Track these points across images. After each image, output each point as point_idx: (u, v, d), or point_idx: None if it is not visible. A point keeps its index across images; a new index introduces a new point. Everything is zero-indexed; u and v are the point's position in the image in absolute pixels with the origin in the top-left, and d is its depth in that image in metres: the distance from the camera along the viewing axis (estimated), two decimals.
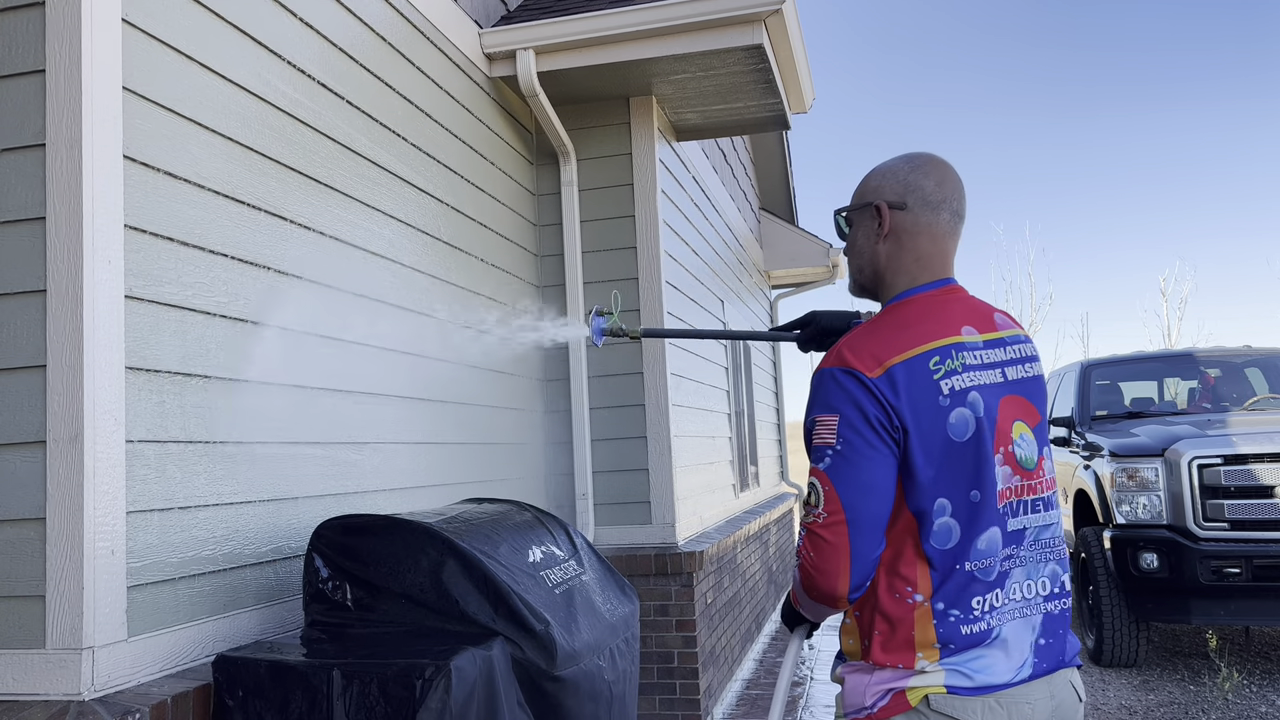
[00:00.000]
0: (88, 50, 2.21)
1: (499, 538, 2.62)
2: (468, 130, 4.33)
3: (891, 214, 1.74)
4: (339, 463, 3.13)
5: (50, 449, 2.15)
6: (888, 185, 1.76)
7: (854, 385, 1.60)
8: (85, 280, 2.16)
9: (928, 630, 1.60)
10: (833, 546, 1.57)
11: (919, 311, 1.69)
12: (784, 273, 10.67)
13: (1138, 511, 6.05)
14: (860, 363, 1.61)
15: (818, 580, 1.59)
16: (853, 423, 1.58)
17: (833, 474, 1.58)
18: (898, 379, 1.59)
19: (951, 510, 1.60)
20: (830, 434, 1.59)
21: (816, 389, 1.64)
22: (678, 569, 4.69)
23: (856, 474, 1.57)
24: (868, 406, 1.58)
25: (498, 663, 2.27)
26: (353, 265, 3.29)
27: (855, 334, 1.68)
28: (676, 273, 5.47)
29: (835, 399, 1.60)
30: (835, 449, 1.58)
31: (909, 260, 1.74)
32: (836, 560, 1.57)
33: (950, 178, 1.75)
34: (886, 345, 1.63)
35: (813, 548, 1.59)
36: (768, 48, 4.55)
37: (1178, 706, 5.38)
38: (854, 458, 1.58)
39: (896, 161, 1.79)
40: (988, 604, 1.61)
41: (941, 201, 1.73)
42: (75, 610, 2.11)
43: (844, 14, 49.05)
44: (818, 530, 1.58)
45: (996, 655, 1.60)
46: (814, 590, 1.61)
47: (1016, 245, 35.15)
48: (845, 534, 1.56)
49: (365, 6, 3.51)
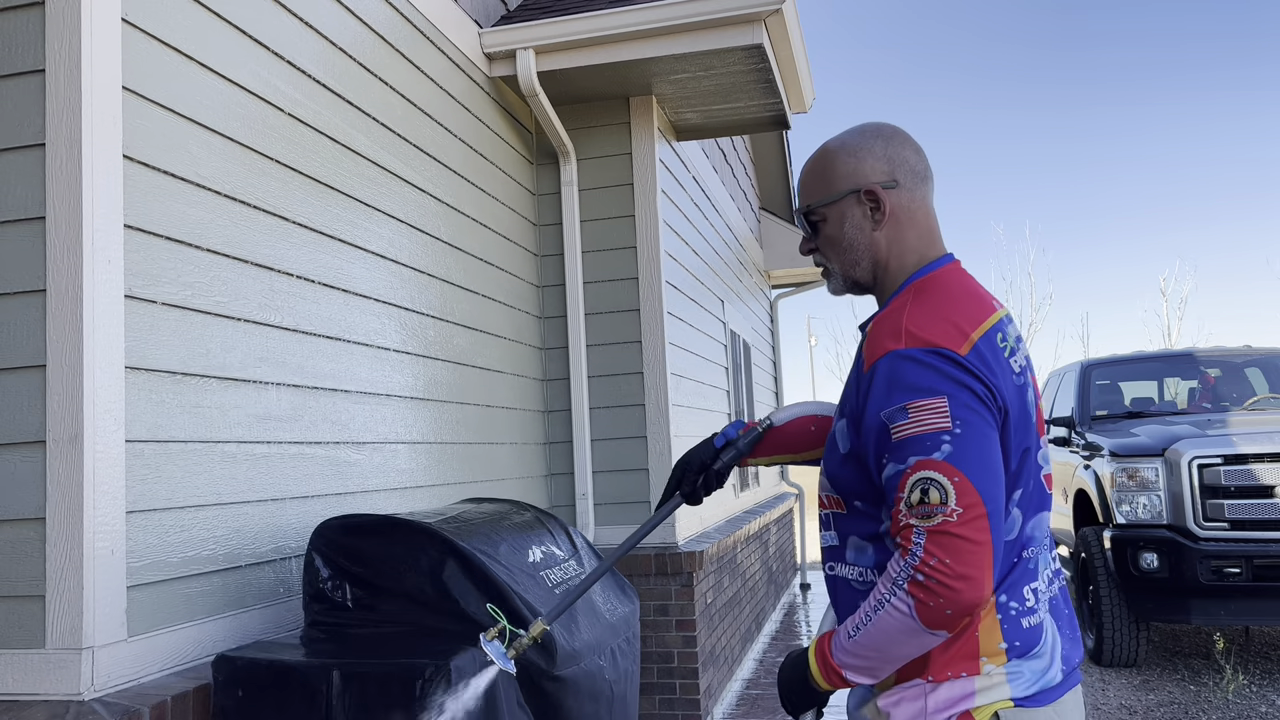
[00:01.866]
0: (87, 50, 2.21)
1: (499, 538, 2.62)
2: (468, 130, 4.33)
3: (886, 194, 1.56)
4: (339, 463, 3.13)
5: (50, 449, 2.15)
6: (868, 165, 1.57)
7: (948, 365, 1.39)
8: (85, 280, 2.16)
9: (993, 630, 1.43)
10: (977, 545, 1.33)
11: (955, 286, 1.52)
12: (784, 273, 10.67)
13: (1138, 511, 6.05)
14: (944, 338, 1.41)
15: (962, 592, 1.32)
16: (965, 401, 1.37)
17: (959, 461, 1.35)
18: (985, 354, 1.41)
19: (1019, 500, 1.46)
20: (940, 417, 1.36)
21: (893, 377, 1.40)
22: (678, 569, 4.69)
23: (986, 457, 1.36)
24: (973, 384, 1.38)
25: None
26: (352, 265, 3.29)
27: (911, 312, 1.46)
28: (676, 273, 5.47)
29: (930, 380, 1.38)
30: (953, 432, 1.36)
31: (912, 239, 1.57)
32: (982, 559, 1.33)
33: (915, 143, 1.61)
34: (959, 317, 1.44)
35: (948, 554, 1.33)
36: (768, 47, 4.55)
37: (1178, 706, 5.38)
38: (978, 439, 1.36)
39: (862, 139, 1.60)
40: (1037, 595, 1.47)
41: (926, 170, 1.59)
42: (75, 610, 2.11)
43: (844, 14, 49.07)
44: (954, 530, 1.33)
45: (1048, 656, 1.46)
46: (952, 604, 1.33)
47: (1016, 245, 35.27)
48: (987, 527, 1.34)
49: (365, 6, 3.51)
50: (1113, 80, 45.47)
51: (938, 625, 1.35)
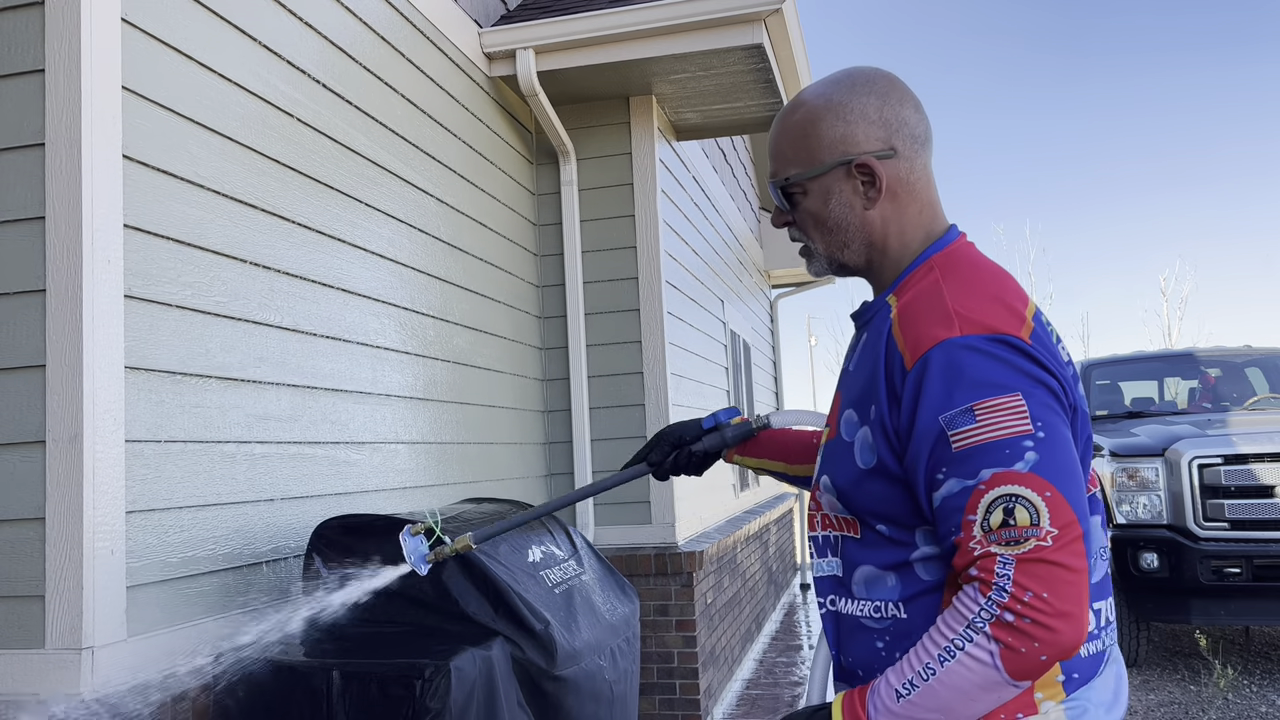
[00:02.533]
0: (87, 50, 2.21)
1: (499, 537, 2.61)
2: (467, 130, 4.33)
3: (882, 166, 1.29)
4: (339, 463, 3.13)
5: (50, 449, 2.14)
6: (860, 131, 1.29)
7: (1016, 355, 1.15)
8: (85, 280, 2.16)
9: None
10: (1077, 574, 1.09)
11: (983, 261, 1.29)
12: (784, 272, 10.68)
13: (1138, 511, 6.05)
14: (1003, 322, 1.17)
15: (1062, 633, 1.07)
16: (1043, 399, 1.14)
17: (1048, 471, 1.11)
18: (1045, 340, 1.20)
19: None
20: (1019, 419, 1.12)
21: (953, 371, 1.15)
22: (678, 569, 4.69)
23: (1074, 465, 1.14)
24: (1046, 378, 1.16)
25: (498, 662, 2.27)
26: (352, 264, 3.29)
27: (952, 291, 1.21)
28: (676, 272, 5.47)
29: (1000, 374, 1.14)
30: (1037, 437, 1.12)
31: (914, 214, 1.31)
32: (1081, 591, 1.09)
33: (913, 95, 1.33)
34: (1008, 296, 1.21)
35: (1046, 586, 1.08)
36: (768, 47, 4.55)
37: (1178, 706, 5.38)
38: (1063, 444, 1.14)
39: (852, 94, 1.30)
40: (1104, 617, 1.27)
41: (927, 132, 1.32)
42: (75, 610, 2.11)
43: (844, 13, 49.10)
44: (1051, 557, 1.08)
45: (1109, 686, 1.25)
46: (1050, 648, 1.08)
47: (1017, 245, 35.19)
48: (1084, 551, 1.10)
49: (365, 6, 3.51)
50: (1113, 80, 45.49)
51: (1026, 675, 1.10)
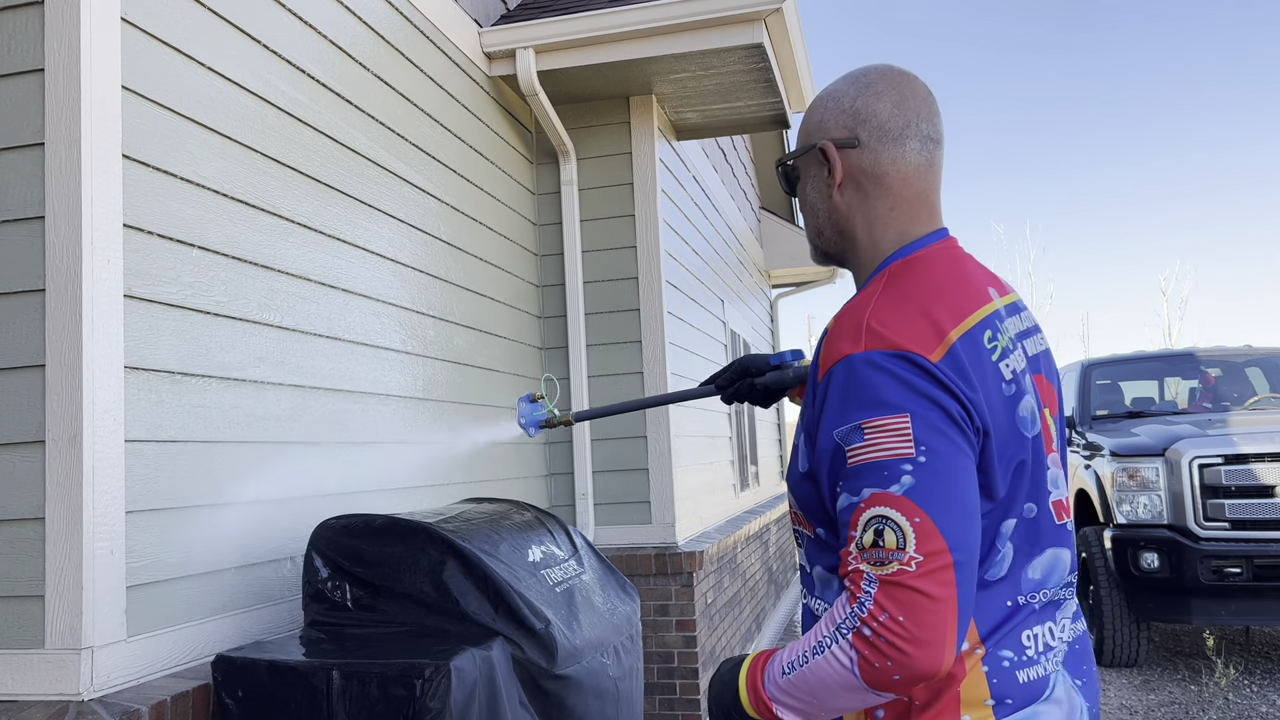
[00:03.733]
0: (87, 49, 2.21)
1: (499, 537, 2.61)
2: (467, 129, 4.33)
3: (842, 155, 1.33)
4: (339, 463, 3.12)
5: (49, 449, 2.14)
6: (832, 118, 1.35)
7: (914, 373, 1.15)
8: (84, 279, 2.16)
9: (979, 683, 1.20)
10: (938, 604, 1.09)
11: (939, 270, 1.28)
12: (784, 272, 10.68)
13: (1138, 511, 6.05)
14: (911, 340, 1.17)
15: (914, 656, 1.09)
16: (933, 422, 1.13)
17: (921, 498, 1.11)
18: (964, 361, 1.17)
19: (1011, 533, 1.23)
20: (902, 441, 1.13)
21: (849, 386, 1.17)
22: (678, 569, 4.69)
23: (957, 493, 1.13)
24: (944, 400, 1.14)
25: (498, 662, 2.27)
26: (352, 264, 3.29)
27: (878, 304, 1.22)
28: (676, 272, 5.46)
29: (893, 393, 1.14)
30: (916, 460, 1.12)
31: (884, 209, 1.33)
32: (943, 620, 1.09)
33: (912, 93, 1.34)
34: (939, 311, 1.20)
35: (900, 608, 1.09)
36: (768, 47, 4.55)
37: (1178, 706, 5.38)
38: (947, 470, 1.12)
39: (842, 83, 1.37)
40: (1041, 641, 1.25)
41: (904, 127, 1.32)
42: (75, 610, 2.11)
43: (844, 13, 49.08)
44: (911, 583, 1.09)
45: (1054, 712, 1.24)
46: (902, 669, 1.10)
47: (1017, 245, 35.19)
48: (954, 581, 1.10)
49: (365, 5, 3.51)
50: (1113, 79, 45.46)
51: (883, 688, 1.13)
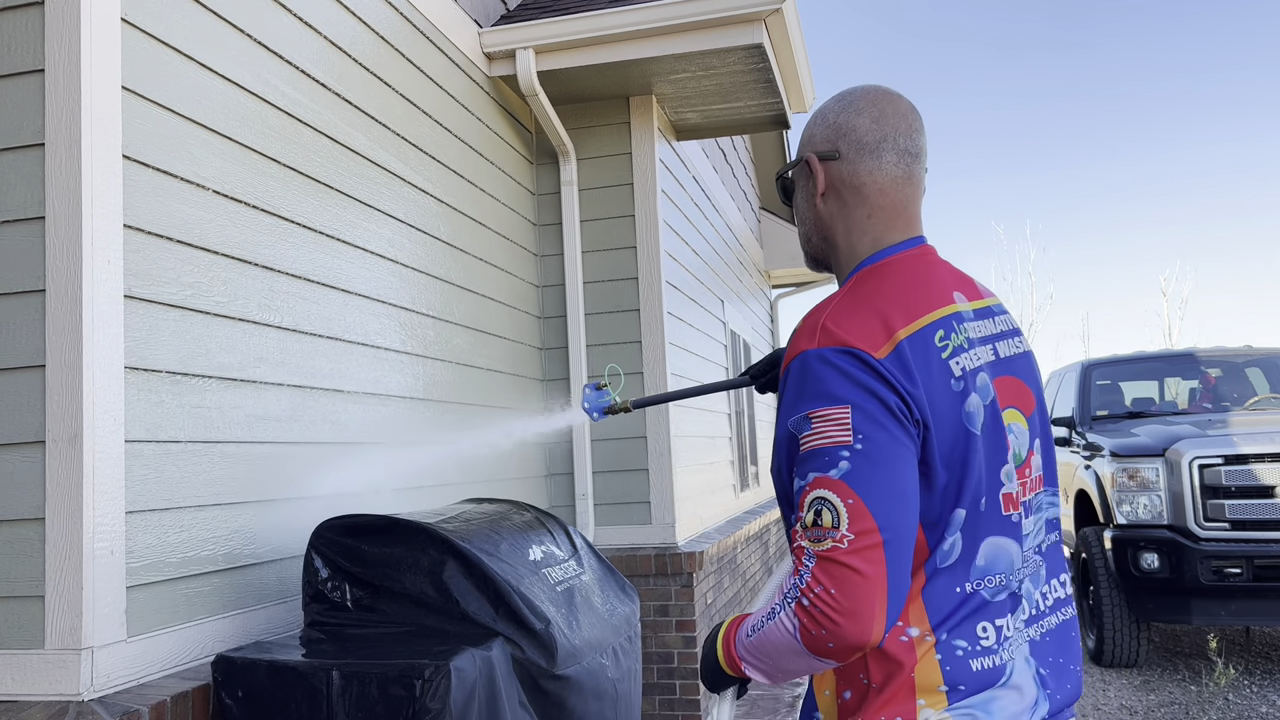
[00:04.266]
0: (87, 50, 2.21)
1: (499, 537, 2.61)
2: (467, 130, 4.33)
3: (824, 167, 1.46)
4: (339, 463, 3.12)
5: (49, 449, 2.14)
6: (818, 133, 1.48)
7: (858, 368, 1.26)
8: (84, 280, 2.16)
9: (931, 670, 1.28)
10: (865, 579, 1.20)
11: (903, 274, 1.39)
12: (784, 272, 10.68)
13: (1138, 511, 6.05)
14: (859, 339, 1.28)
15: (843, 626, 1.20)
16: (871, 413, 1.24)
17: (855, 481, 1.22)
18: (909, 359, 1.28)
19: (961, 523, 1.31)
20: (842, 430, 1.24)
21: (802, 379, 1.29)
22: (678, 569, 4.69)
23: (889, 478, 1.23)
24: (884, 393, 1.25)
25: (498, 662, 2.27)
26: (352, 265, 3.29)
27: (837, 306, 1.34)
28: (676, 272, 5.47)
29: (837, 386, 1.26)
30: (854, 448, 1.23)
31: (861, 217, 1.45)
32: (870, 594, 1.20)
33: (892, 110, 1.45)
34: (891, 311, 1.31)
35: (833, 582, 1.20)
36: (768, 47, 4.55)
37: (1178, 706, 5.38)
38: (882, 458, 1.23)
39: (829, 101, 1.50)
40: (1000, 633, 1.33)
41: (880, 141, 1.43)
42: (75, 610, 2.11)
43: (844, 13, 49.07)
44: (842, 558, 1.20)
45: (1011, 696, 1.31)
46: (834, 638, 1.21)
47: (1017, 245, 35.02)
48: (882, 558, 1.20)
49: (365, 6, 3.51)
50: (1113, 80, 45.43)
51: (821, 655, 1.24)
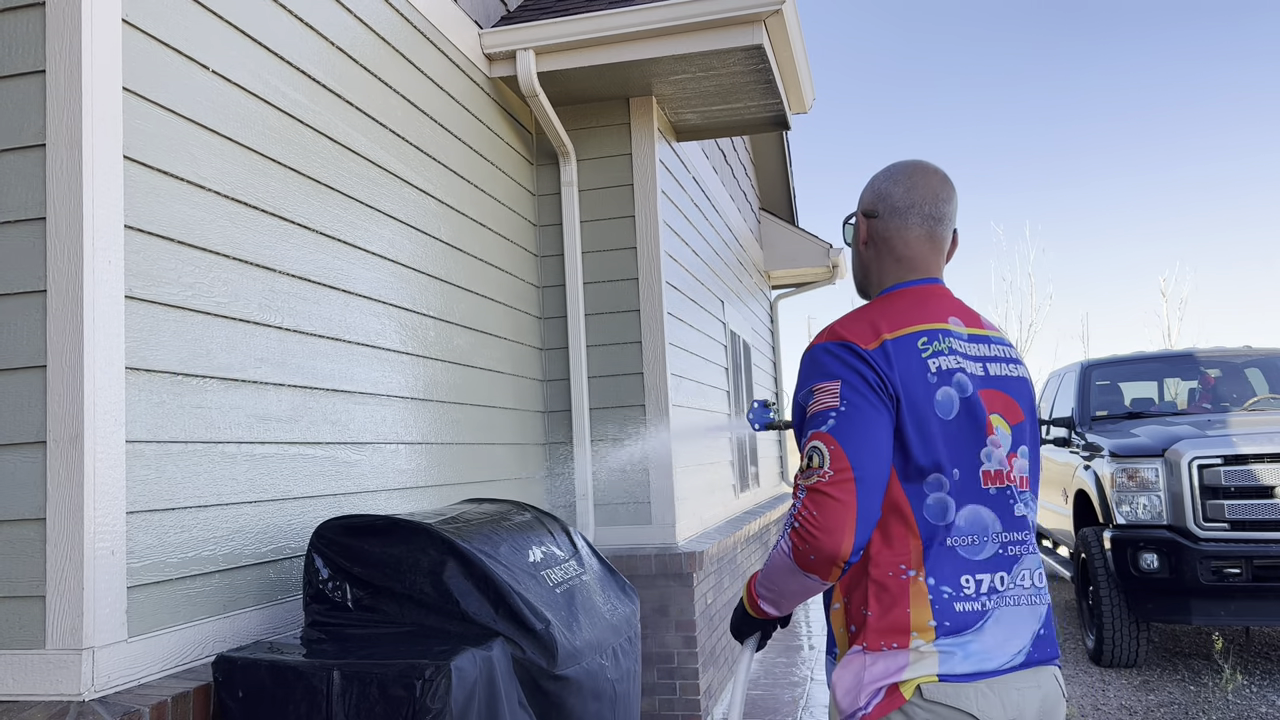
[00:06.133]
0: (88, 51, 2.21)
1: (499, 538, 2.62)
2: (468, 130, 4.33)
3: (867, 222, 1.85)
4: (339, 463, 3.13)
5: (50, 449, 2.15)
6: (866, 195, 1.88)
7: (850, 356, 1.64)
8: (85, 280, 2.16)
9: (923, 608, 1.61)
10: (839, 503, 1.54)
11: (907, 300, 1.76)
12: (784, 273, 10.68)
13: (1138, 512, 6.05)
14: (855, 336, 1.67)
15: (821, 540, 1.54)
16: (855, 386, 1.61)
17: (838, 433, 1.58)
18: (890, 352, 1.65)
19: (946, 487, 1.63)
20: (832, 397, 1.61)
21: (810, 365, 1.69)
22: (678, 569, 4.69)
23: (864, 432, 1.59)
24: (867, 373, 1.62)
25: (498, 663, 2.27)
26: (353, 265, 3.29)
27: (845, 316, 1.75)
28: (676, 273, 5.47)
29: (833, 367, 1.64)
30: (839, 410, 1.60)
31: (890, 263, 1.83)
32: (843, 517, 1.54)
33: (922, 183, 1.81)
34: (878, 322, 1.70)
35: (815, 506, 1.55)
36: (768, 48, 4.56)
37: (1178, 707, 5.38)
38: (858, 417, 1.59)
39: (880, 171, 1.89)
40: (984, 585, 1.64)
41: (909, 207, 1.80)
42: (75, 610, 2.11)
43: (844, 13, 49.08)
44: (823, 489, 1.55)
45: (988, 640, 1.62)
46: (815, 551, 1.56)
47: (1016, 245, 34.97)
48: (853, 490, 1.55)
49: (365, 7, 3.51)
50: (1114, 80, 45.41)
51: (808, 568, 1.58)
